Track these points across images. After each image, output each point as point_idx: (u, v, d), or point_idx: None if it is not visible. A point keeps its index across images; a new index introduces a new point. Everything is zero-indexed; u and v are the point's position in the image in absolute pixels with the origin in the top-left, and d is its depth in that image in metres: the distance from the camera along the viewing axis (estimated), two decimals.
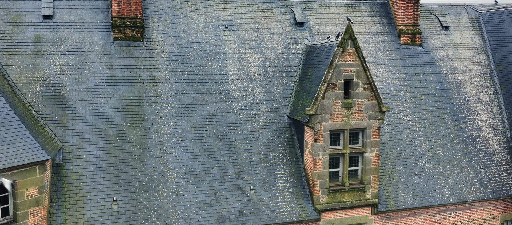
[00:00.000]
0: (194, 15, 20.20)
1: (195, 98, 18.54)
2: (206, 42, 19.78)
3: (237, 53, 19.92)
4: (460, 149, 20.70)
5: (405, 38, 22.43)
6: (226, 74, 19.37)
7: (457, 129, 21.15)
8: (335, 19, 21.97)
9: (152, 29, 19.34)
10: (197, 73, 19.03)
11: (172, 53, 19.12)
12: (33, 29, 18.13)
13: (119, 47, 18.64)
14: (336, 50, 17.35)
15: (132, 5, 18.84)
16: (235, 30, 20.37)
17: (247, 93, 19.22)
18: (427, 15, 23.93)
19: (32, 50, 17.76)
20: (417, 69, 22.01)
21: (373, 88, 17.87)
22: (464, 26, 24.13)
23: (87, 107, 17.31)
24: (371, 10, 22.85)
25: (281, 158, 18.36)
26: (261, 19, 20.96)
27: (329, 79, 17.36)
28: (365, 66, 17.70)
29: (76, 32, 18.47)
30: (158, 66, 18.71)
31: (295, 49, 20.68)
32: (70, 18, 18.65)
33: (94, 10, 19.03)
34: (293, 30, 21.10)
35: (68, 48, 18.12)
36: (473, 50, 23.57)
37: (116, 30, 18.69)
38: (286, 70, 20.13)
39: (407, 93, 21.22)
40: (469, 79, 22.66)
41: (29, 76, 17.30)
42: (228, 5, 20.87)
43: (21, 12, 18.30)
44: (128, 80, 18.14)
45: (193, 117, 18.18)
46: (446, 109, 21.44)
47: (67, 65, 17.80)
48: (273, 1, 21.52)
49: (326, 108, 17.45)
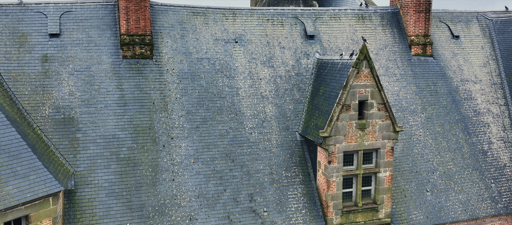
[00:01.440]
0: (204, 30, 19.77)
1: (206, 118, 18.26)
2: (216, 58, 19.41)
3: (248, 69, 19.59)
4: (471, 164, 20.60)
5: (416, 49, 22.13)
6: (237, 92, 19.07)
7: (468, 142, 21.03)
8: (346, 31, 21.60)
9: (161, 46, 18.94)
10: (207, 91, 18.70)
11: (182, 71, 18.76)
12: (40, 48, 17.69)
13: (128, 66, 18.25)
14: (351, 71, 17.06)
15: (141, 22, 18.40)
16: (245, 45, 19.99)
17: (259, 111, 18.95)
18: (438, 24, 23.59)
19: (40, 71, 17.36)
20: (428, 81, 21.77)
21: (388, 108, 17.65)
22: (474, 35, 23.83)
23: (98, 130, 17.00)
24: (382, 19, 22.48)
25: (293, 178, 18.20)
26: (271, 32, 20.57)
27: (343, 101, 17.11)
28: (380, 87, 17.45)
29: (84, 50, 18.04)
30: (168, 85, 18.37)
31: (306, 63, 20.35)
32: (78, 36, 18.21)
33: (101, 27, 18.59)
34: (304, 43, 20.74)
35: (77, 68, 17.72)
36: (483, 59, 23.32)
37: (125, 48, 18.29)
38: (297, 85, 19.83)
39: (418, 107, 21.02)
40: (480, 90, 22.46)
41: (37, 98, 16.94)
42: (238, 18, 20.44)
43: (27, 31, 17.83)
44: (138, 101, 17.81)
45: (204, 137, 17.93)
46: (457, 122, 21.28)
47: (76, 86, 17.43)
48: (283, 13, 21.10)
49: (340, 130, 17.23)
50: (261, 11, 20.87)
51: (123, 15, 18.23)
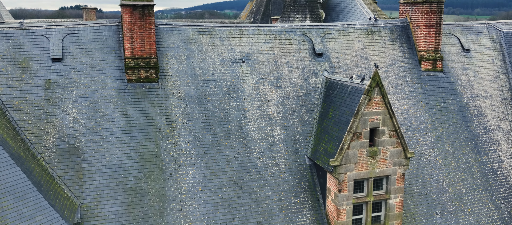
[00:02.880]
0: (210, 49, 19.26)
1: (214, 143, 17.88)
2: (223, 79, 18.94)
3: (255, 90, 19.14)
4: (481, 184, 20.35)
5: (426, 64, 21.68)
6: (245, 114, 18.65)
7: (478, 161, 20.74)
8: (355, 47, 21.10)
9: (166, 68, 18.45)
10: (214, 115, 18.29)
11: (189, 94, 18.31)
12: (42, 74, 17.21)
13: (133, 90, 17.79)
14: (363, 99, 16.64)
15: (146, 44, 17.88)
16: (252, 65, 19.51)
17: (267, 134, 18.57)
18: (448, 37, 23.08)
19: (43, 98, 16.90)
20: (438, 97, 21.37)
21: (399, 135, 17.28)
22: (485, 47, 23.35)
23: (103, 160, 16.63)
24: (391, 34, 21.96)
25: (302, 204, 17.93)
26: (278, 51, 20.07)
27: (354, 129, 16.72)
28: (392, 114, 17.05)
29: (88, 75, 17.56)
30: (175, 109, 17.95)
31: (315, 83, 19.90)
32: (81, 60, 17.70)
33: (105, 50, 18.07)
34: (312, 62, 20.26)
35: (81, 94, 17.26)
36: (494, 73, 22.89)
37: (129, 72, 17.80)
38: (306, 106, 19.42)
39: (428, 126, 20.66)
40: (490, 106, 22.08)
41: (41, 127, 16.51)
42: (244, 36, 19.91)
43: (29, 55, 17.32)
44: (144, 127, 17.40)
45: (212, 164, 17.58)
46: (467, 141, 20.95)
47: (80, 114, 16.99)
48: (290, 30, 20.57)
49: (351, 158, 16.89)
50: (268, 29, 20.34)
51: (127, 38, 17.69)
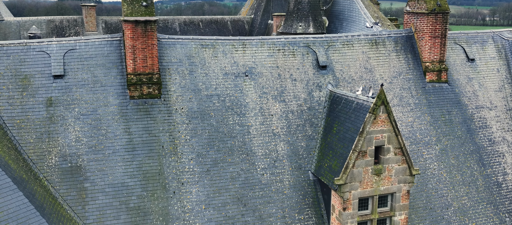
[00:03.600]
0: (213, 63, 19.04)
1: (217, 160, 17.72)
2: (226, 93, 18.74)
3: (259, 104, 18.95)
4: (486, 197, 20.23)
5: (431, 75, 21.46)
6: (248, 130, 18.48)
7: (483, 174, 20.60)
8: (359, 58, 20.87)
9: (169, 83, 18.25)
10: (218, 131, 18.11)
11: (192, 109, 18.12)
12: (44, 91, 17.01)
13: (136, 107, 17.60)
14: (368, 117, 16.46)
15: (148, 60, 17.67)
16: (255, 78, 19.29)
17: (270, 150, 18.41)
18: (453, 46, 22.84)
19: (45, 116, 16.71)
20: (443, 109, 21.18)
21: (404, 152, 17.12)
22: (490, 57, 23.12)
23: (106, 179, 16.48)
24: (396, 45, 21.72)
25: (306, 221, 17.81)
26: (282, 64, 19.84)
27: (359, 148, 16.56)
28: (397, 131, 16.88)
29: (90, 92, 17.36)
30: (178, 126, 17.77)
31: (319, 96, 19.70)
32: (83, 76, 17.49)
33: (107, 65, 17.85)
34: (316, 74, 20.04)
35: (83, 111, 17.07)
36: (499, 84, 22.68)
37: (132, 88, 17.60)
38: (310, 120, 19.24)
39: (433, 138, 20.49)
40: (495, 117, 21.90)
41: (43, 146, 16.35)
42: (248, 49, 19.68)
43: (30, 72, 17.11)
44: (147, 144, 17.23)
45: (215, 181, 17.44)
46: (472, 153, 20.80)
47: (82, 132, 16.82)
48: (294, 43, 20.33)
49: (356, 176, 16.74)
50: (272, 41, 20.10)
51: (129, 54, 17.47)
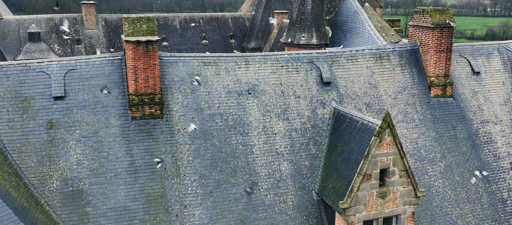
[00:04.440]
0: (215, 81, 18.77)
1: (220, 181, 17.53)
2: (229, 112, 18.50)
3: (262, 123, 18.71)
4: (490, 215, 20.07)
5: (435, 90, 21.21)
6: (251, 149, 18.27)
7: (487, 191, 20.43)
8: (363, 74, 20.60)
9: (171, 103, 18.00)
10: (221, 151, 17.90)
11: (194, 129, 17.89)
12: (44, 113, 16.77)
13: (137, 128, 17.38)
14: (373, 141, 16.24)
15: (150, 80, 17.40)
16: (258, 96, 19.04)
17: (274, 170, 18.22)
18: (458, 59, 22.55)
19: (45, 139, 16.49)
20: (448, 125, 20.95)
21: (409, 175, 16.93)
22: (495, 69, 22.85)
23: (108, 202, 16.30)
24: (400, 59, 21.43)
25: None
26: (285, 80, 19.58)
27: (364, 171, 16.36)
28: (402, 154, 16.66)
29: (91, 113, 17.12)
30: (180, 147, 17.55)
31: (322, 113, 19.47)
32: (84, 97, 17.24)
33: (108, 85, 17.58)
34: (320, 91, 19.78)
35: (84, 133, 16.84)
36: (504, 97, 22.43)
37: (133, 109, 17.36)
38: (313, 138, 19.02)
39: (437, 155, 20.28)
40: (500, 132, 21.68)
41: (44, 170, 16.15)
42: (251, 66, 19.41)
43: (30, 94, 16.86)
44: (149, 167, 17.03)
45: (218, 203, 17.26)
46: (477, 170, 20.59)
47: (83, 155, 16.60)
48: (297, 58, 20.04)
49: (360, 200, 16.56)
50: (275, 57, 19.82)
51: (131, 74, 17.20)
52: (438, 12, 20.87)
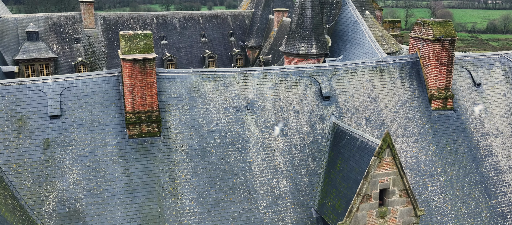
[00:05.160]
0: (214, 97, 18.56)
1: (218, 199, 17.38)
2: (228, 129, 18.31)
3: (261, 139, 18.53)
4: None
5: (436, 103, 21.00)
6: (250, 166, 18.10)
7: (488, 206, 20.29)
8: (363, 87, 20.38)
9: (169, 120, 17.80)
10: (219, 169, 17.74)
11: (192, 147, 17.72)
12: (40, 132, 16.57)
13: (135, 146, 17.20)
14: (373, 161, 16.06)
15: (147, 98, 17.19)
16: (257, 112, 18.84)
17: (272, 187, 18.07)
18: (459, 71, 22.32)
19: (42, 159, 16.32)
20: (448, 138, 20.77)
21: (409, 194, 16.77)
22: (497, 81, 22.62)
23: (105, 223, 16.16)
24: (401, 71, 21.20)
25: None
26: (284, 95, 19.36)
27: (364, 192, 16.20)
28: (402, 173, 16.50)
29: (88, 132, 16.93)
30: (178, 165, 17.38)
31: (322, 128, 19.27)
32: (80, 116, 17.04)
33: (105, 103, 17.38)
34: (319, 106, 19.58)
35: (80, 153, 16.67)
36: (505, 109, 22.22)
37: (130, 127, 17.17)
38: (313, 154, 18.85)
39: (438, 170, 20.12)
40: (501, 144, 21.50)
41: (40, 191, 15.99)
42: (249, 80, 19.18)
43: (26, 113, 16.66)
44: (146, 186, 16.88)
45: (217, 222, 17.12)
46: (477, 184, 20.46)
47: (80, 174, 16.44)
48: (297, 72, 19.81)
49: (360, 220, 16.42)
50: (274, 71, 19.59)
51: (128, 92, 16.99)
52: (439, 25, 20.61)
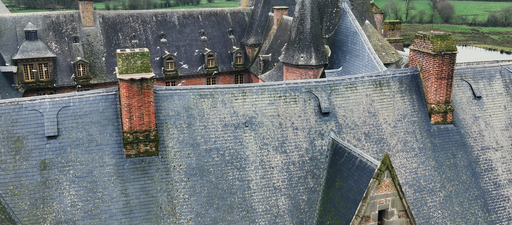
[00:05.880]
0: (212, 115, 18.43)
1: (216, 219, 17.32)
2: (226, 146, 18.21)
3: (259, 157, 18.43)
4: None
5: (436, 117, 20.87)
6: (248, 185, 18.02)
7: (487, 221, 20.23)
8: (362, 102, 20.24)
9: (167, 139, 17.69)
10: (217, 188, 17.66)
11: (190, 166, 17.63)
12: (37, 153, 16.47)
13: (132, 166, 17.10)
14: (372, 183, 15.97)
15: (144, 118, 17.07)
16: (256, 129, 18.72)
17: (271, 205, 17.99)
18: (459, 83, 22.16)
19: (39, 180, 16.23)
20: (448, 153, 20.67)
21: (408, 214, 16.71)
22: (497, 93, 22.47)
23: None
24: (401, 85, 21.05)
25: None
26: (283, 112, 19.24)
27: (363, 213, 16.13)
28: (402, 194, 16.42)
29: (85, 152, 16.83)
30: (176, 184, 17.30)
31: (321, 145, 19.17)
32: (77, 135, 16.93)
33: (102, 122, 17.26)
34: (318, 122, 19.45)
35: (78, 173, 16.58)
36: (505, 122, 22.10)
37: (128, 147, 17.06)
38: (311, 171, 18.76)
39: (437, 185, 20.05)
40: (501, 158, 21.40)
41: (38, 213, 15.92)
42: (248, 97, 19.05)
43: (23, 134, 16.54)
44: (144, 206, 16.80)
45: None
46: (476, 199, 20.39)
47: (78, 196, 16.36)
48: (295, 88, 19.66)
49: None
50: (273, 87, 19.44)
51: (125, 112, 16.86)
52: (440, 38, 20.43)
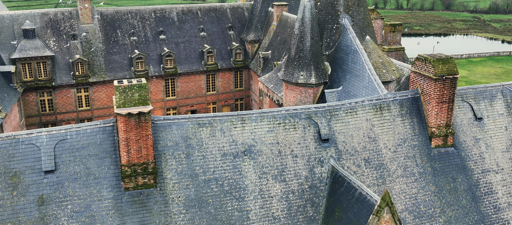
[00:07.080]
0: (211, 144, 18.28)
1: None
2: (225, 176, 18.09)
3: (258, 186, 18.33)
4: None
5: (436, 141, 20.71)
6: (247, 215, 17.95)
7: None
8: (363, 127, 20.07)
9: (165, 170, 17.56)
10: (216, 219, 17.59)
11: (189, 197, 17.54)
12: (35, 189, 16.36)
13: (131, 199, 17.01)
14: (371, 219, 15.89)
15: (142, 151, 16.92)
16: (255, 158, 18.58)
17: None
18: (460, 104, 21.96)
19: (37, 216, 16.15)
20: (448, 177, 20.56)
21: None
22: (498, 114, 22.28)
23: None
24: (401, 108, 20.84)
25: None
26: (282, 139, 19.07)
27: None
28: None
29: (83, 186, 16.71)
30: (174, 217, 17.22)
31: (320, 172, 19.05)
32: (75, 169, 16.80)
33: (100, 155, 17.12)
34: (318, 148, 19.31)
35: (76, 208, 16.49)
36: (506, 143, 21.95)
37: (126, 180, 16.94)
38: (311, 200, 18.67)
39: (437, 210, 19.98)
40: (501, 181, 21.31)
41: None
42: (247, 125, 18.86)
43: (20, 169, 16.41)
44: None
45: None
46: (476, 224, 20.33)
47: None
48: (295, 114, 19.47)
49: None
50: (272, 114, 19.25)
51: (123, 146, 16.70)
52: (441, 62, 20.16)
